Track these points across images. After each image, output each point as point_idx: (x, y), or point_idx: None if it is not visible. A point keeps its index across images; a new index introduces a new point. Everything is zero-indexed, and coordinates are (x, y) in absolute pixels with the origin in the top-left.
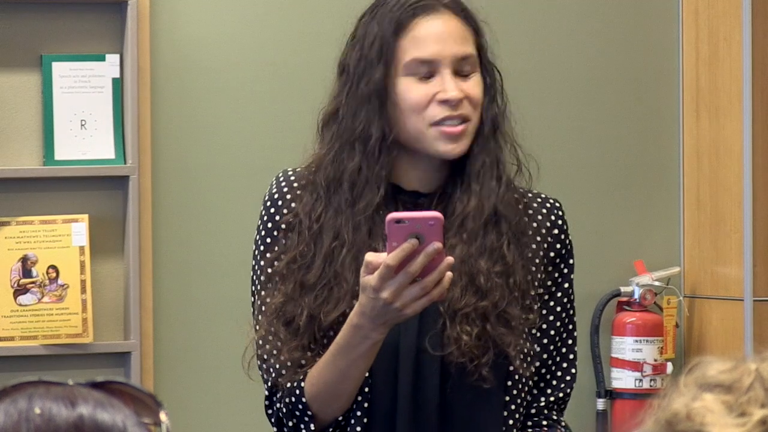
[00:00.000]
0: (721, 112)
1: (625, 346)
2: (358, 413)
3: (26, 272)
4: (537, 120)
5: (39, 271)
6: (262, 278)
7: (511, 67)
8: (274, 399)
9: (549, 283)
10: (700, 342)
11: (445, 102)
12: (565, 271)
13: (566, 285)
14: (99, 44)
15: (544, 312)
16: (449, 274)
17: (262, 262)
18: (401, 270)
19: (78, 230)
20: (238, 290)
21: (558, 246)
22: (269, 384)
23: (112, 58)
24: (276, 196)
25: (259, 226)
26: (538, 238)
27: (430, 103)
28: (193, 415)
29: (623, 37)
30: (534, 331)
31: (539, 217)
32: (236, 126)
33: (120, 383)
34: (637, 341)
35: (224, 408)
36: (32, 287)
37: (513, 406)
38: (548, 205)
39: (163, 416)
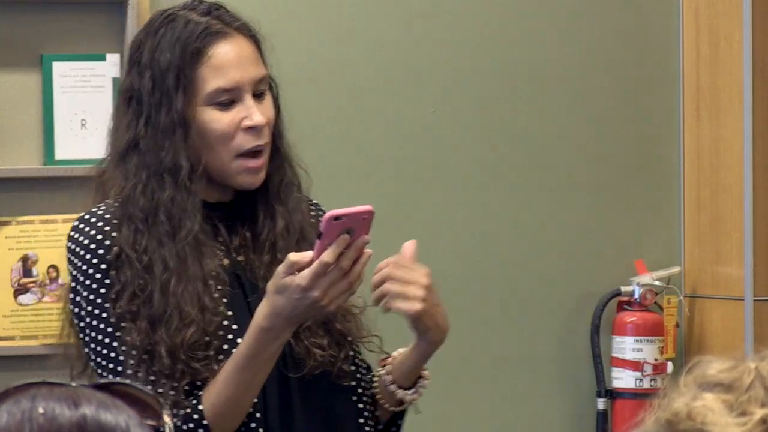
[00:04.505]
0: (721, 112)
1: (625, 346)
2: (252, 425)
3: (27, 272)
4: (536, 120)
5: (39, 270)
6: (111, 319)
7: (511, 67)
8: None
9: None
10: (700, 342)
11: (251, 129)
12: None
13: None
14: (99, 44)
15: None
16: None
17: (99, 300)
18: (332, 266)
19: None
20: None
21: None
22: None
23: (113, 58)
24: (93, 232)
25: (82, 267)
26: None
27: (237, 131)
28: None
29: (623, 37)
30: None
31: (315, 217)
32: None
33: (123, 384)
34: (637, 341)
35: None
36: (33, 287)
37: (360, 390)
38: (312, 205)
39: (166, 417)
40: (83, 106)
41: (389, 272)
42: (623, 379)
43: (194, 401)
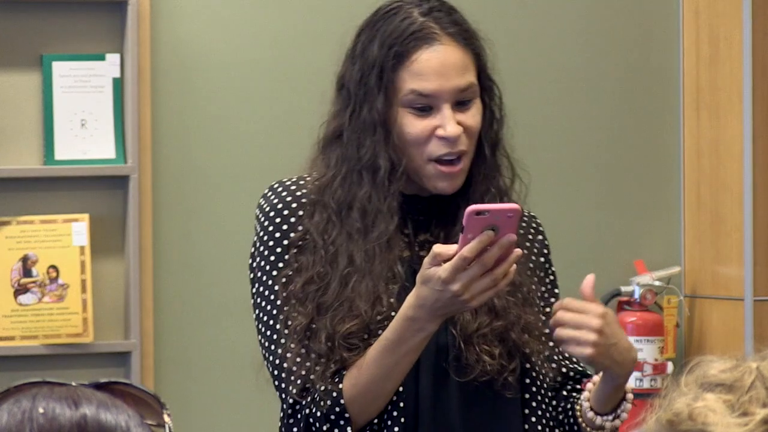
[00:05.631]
0: (721, 111)
1: None
2: (395, 413)
3: (27, 272)
4: (537, 120)
5: (39, 270)
6: (281, 294)
7: (511, 68)
8: (301, 405)
9: (543, 289)
10: (700, 341)
11: (443, 139)
12: (552, 274)
13: (557, 289)
14: (99, 44)
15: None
16: (514, 266)
17: (274, 272)
18: (474, 261)
19: (78, 230)
20: (238, 290)
21: (545, 252)
22: (292, 397)
23: (113, 58)
24: (280, 206)
25: (262, 236)
26: (528, 245)
27: (430, 138)
28: (193, 415)
29: (623, 36)
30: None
31: (526, 228)
32: (236, 125)
33: (123, 384)
34: (637, 341)
35: (225, 407)
36: (33, 287)
37: (534, 418)
38: (527, 216)
39: (166, 417)
40: (83, 106)
41: (560, 317)
42: None
43: (336, 379)
